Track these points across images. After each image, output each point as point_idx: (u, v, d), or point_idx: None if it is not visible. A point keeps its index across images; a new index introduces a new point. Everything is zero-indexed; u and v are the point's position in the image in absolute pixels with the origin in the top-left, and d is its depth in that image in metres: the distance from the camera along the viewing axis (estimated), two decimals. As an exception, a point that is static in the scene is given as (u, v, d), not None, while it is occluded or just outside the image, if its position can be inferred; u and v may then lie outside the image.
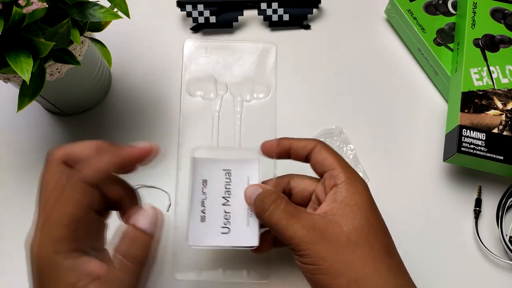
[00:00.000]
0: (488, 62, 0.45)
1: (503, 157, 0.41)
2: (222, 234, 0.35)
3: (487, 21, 0.47)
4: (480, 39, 0.46)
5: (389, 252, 0.32)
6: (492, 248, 0.42)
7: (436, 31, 0.49)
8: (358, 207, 0.32)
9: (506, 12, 0.47)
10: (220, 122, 0.36)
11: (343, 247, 0.31)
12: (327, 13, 0.55)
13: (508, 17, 0.47)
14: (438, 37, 0.49)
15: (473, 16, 0.47)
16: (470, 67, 0.44)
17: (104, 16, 0.34)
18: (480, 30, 0.46)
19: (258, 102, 0.37)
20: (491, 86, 0.44)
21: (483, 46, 0.46)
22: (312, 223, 0.32)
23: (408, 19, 0.50)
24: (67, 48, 0.35)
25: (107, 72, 0.48)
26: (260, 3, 0.52)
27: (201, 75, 0.36)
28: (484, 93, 0.43)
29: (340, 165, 0.34)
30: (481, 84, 0.44)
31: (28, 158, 0.46)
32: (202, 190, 0.36)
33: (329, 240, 0.31)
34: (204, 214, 0.35)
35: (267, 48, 0.37)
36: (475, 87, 0.44)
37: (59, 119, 0.48)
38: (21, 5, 0.29)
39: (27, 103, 0.33)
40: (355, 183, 0.33)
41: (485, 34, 0.46)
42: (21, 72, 0.30)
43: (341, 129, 0.47)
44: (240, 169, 0.36)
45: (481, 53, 0.45)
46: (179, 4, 0.52)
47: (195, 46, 0.37)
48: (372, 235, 0.32)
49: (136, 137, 0.47)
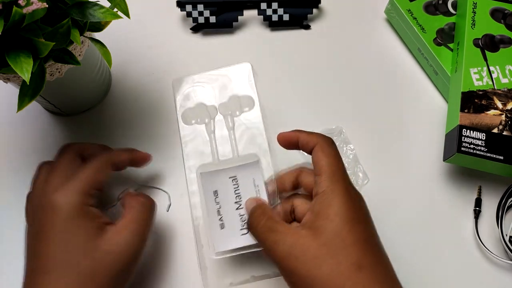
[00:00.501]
0: (488, 62, 0.45)
1: (503, 157, 0.41)
2: (242, 235, 0.37)
3: (487, 21, 0.47)
4: (480, 39, 0.46)
5: (360, 267, 0.30)
6: (492, 248, 0.42)
7: (436, 31, 0.49)
8: (329, 220, 0.31)
9: (506, 12, 0.47)
10: (217, 140, 0.40)
11: (309, 263, 0.30)
12: (327, 13, 0.55)
13: (508, 17, 0.47)
14: (438, 37, 0.49)
15: (473, 16, 0.47)
16: (470, 67, 0.44)
17: (104, 16, 0.34)
18: (480, 30, 0.46)
19: (246, 114, 0.41)
20: (491, 86, 0.44)
21: (483, 46, 0.46)
22: (283, 239, 0.32)
23: (408, 19, 0.50)
24: (67, 48, 0.35)
25: (107, 72, 0.48)
26: (260, 3, 0.52)
27: (192, 105, 0.41)
28: (484, 93, 0.43)
29: (327, 171, 0.33)
30: (481, 84, 0.44)
31: (28, 158, 0.46)
32: (215, 201, 0.38)
33: (296, 256, 0.31)
34: (222, 222, 0.38)
35: (244, 67, 0.42)
36: (475, 87, 0.44)
37: (59, 119, 0.48)
38: (21, 5, 0.29)
39: (27, 103, 0.33)
40: (332, 194, 0.32)
41: (485, 34, 0.46)
42: (21, 72, 0.30)
43: (341, 129, 0.47)
44: (244, 173, 0.39)
45: (481, 53, 0.45)
46: (179, 4, 0.52)
47: (182, 82, 0.42)
48: (341, 249, 0.30)
49: (136, 137, 0.47)
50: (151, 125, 0.48)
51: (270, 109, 0.49)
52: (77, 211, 0.33)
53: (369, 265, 0.31)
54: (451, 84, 0.47)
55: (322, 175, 0.33)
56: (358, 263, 0.30)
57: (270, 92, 0.49)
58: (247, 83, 0.42)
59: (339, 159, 0.35)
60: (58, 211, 0.32)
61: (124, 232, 0.33)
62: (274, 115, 0.48)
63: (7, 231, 0.43)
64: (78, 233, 0.32)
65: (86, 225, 0.33)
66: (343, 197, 0.32)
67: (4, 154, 0.46)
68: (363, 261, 0.30)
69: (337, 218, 0.31)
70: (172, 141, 0.46)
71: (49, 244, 0.32)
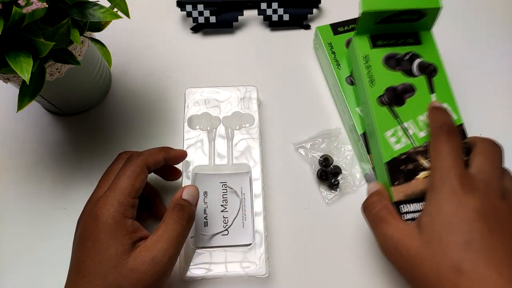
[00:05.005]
0: (400, 119, 0.40)
1: None
2: (223, 236, 0.41)
3: (383, 72, 0.41)
4: (382, 95, 0.40)
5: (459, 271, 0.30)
6: None
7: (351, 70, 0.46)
8: (432, 217, 0.32)
9: (398, 58, 0.42)
10: (216, 147, 0.44)
11: (411, 261, 0.32)
12: (327, 13, 0.55)
13: (401, 61, 0.42)
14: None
15: (368, 71, 0.41)
16: (384, 132, 0.39)
17: (104, 16, 0.34)
18: (380, 86, 0.41)
19: (245, 129, 0.45)
20: (410, 145, 0.39)
21: (389, 102, 0.40)
22: (391, 233, 0.33)
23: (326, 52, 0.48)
24: (67, 48, 0.35)
25: (107, 72, 0.48)
26: (260, 3, 0.52)
27: (199, 113, 0.46)
28: (406, 156, 0.38)
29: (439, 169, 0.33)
30: (400, 146, 0.39)
31: (28, 158, 0.46)
32: (204, 200, 0.42)
33: (400, 252, 0.32)
34: (206, 220, 0.41)
35: (250, 89, 0.47)
36: (396, 152, 0.38)
37: (59, 119, 0.48)
38: (21, 5, 0.29)
39: (27, 103, 0.33)
40: (439, 192, 0.32)
41: (386, 88, 0.41)
42: (21, 72, 0.30)
43: (340, 130, 0.47)
44: (234, 181, 0.43)
45: (389, 111, 0.40)
46: (179, 4, 0.52)
47: (194, 92, 0.46)
48: (440, 250, 0.31)
49: (136, 137, 0.47)
50: (151, 125, 0.48)
51: (269, 108, 0.49)
52: (115, 223, 0.33)
53: (468, 270, 0.30)
54: (373, 155, 0.42)
55: (434, 171, 0.34)
56: (457, 267, 0.30)
57: (270, 92, 0.50)
58: (250, 104, 0.46)
59: (455, 158, 0.33)
60: (98, 221, 0.33)
61: (152, 250, 0.33)
62: (274, 114, 0.49)
63: (7, 231, 0.43)
64: (112, 245, 0.32)
65: (120, 239, 0.33)
66: (448, 196, 0.32)
67: (4, 154, 0.46)
68: (462, 265, 0.30)
69: (439, 217, 0.32)
70: (172, 141, 0.46)
71: (87, 250, 0.33)
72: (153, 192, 0.43)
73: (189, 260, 0.39)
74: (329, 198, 0.44)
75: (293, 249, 0.42)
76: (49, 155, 0.46)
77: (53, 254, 0.42)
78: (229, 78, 0.50)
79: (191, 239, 0.40)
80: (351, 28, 0.49)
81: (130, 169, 0.36)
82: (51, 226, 0.43)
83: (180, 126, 0.46)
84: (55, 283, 0.35)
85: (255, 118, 0.45)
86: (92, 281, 0.32)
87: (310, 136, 0.47)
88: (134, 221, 0.35)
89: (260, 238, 0.40)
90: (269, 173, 0.45)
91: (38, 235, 0.43)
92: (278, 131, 0.48)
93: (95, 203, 0.34)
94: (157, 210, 0.42)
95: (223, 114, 0.45)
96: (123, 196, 0.34)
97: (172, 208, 0.35)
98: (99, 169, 0.41)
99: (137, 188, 0.35)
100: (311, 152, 0.46)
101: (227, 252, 0.40)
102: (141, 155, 0.37)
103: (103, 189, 0.36)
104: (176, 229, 0.34)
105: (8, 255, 0.42)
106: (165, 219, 0.35)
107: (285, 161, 0.46)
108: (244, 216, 0.41)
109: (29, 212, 0.44)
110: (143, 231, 0.35)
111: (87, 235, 0.33)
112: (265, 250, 0.39)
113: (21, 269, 0.41)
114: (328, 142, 0.46)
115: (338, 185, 0.44)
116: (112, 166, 0.38)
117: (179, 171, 0.42)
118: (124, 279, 0.32)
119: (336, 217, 0.44)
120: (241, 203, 0.42)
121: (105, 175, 0.38)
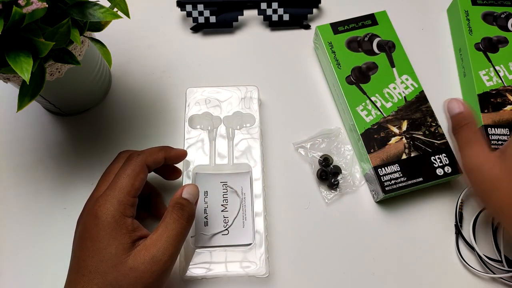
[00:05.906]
0: (492, 63, 0.47)
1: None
2: (223, 235, 0.41)
3: (481, 25, 0.50)
4: (479, 43, 0.48)
5: None
6: (472, 262, 0.42)
7: (352, 69, 0.47)
8: None
9: (495, 15, 0.50)
10: (216, 146, 0.44)
11: (490, 183, 0.35)
12: (327, 13, 0.55)
13: (498, 18, 0.50)
14: (352, 75, 0.46)
15: (468, 23, 0.49)
16: (478, 70, 0.47)
17: (104, 16, 0.34)
18: (477, 35, 0.49)
19: (246, 129, 0.45)
20: (501, 84, 0.46)
21: (484, 49, 0.48)
22: (476, 156, 0.36)
23: (326, 52, 0.48)
24: (67, 48, 0.35)
25: (107, 72, 0.48)
26: (260, 3, 0.52)
27: (200, 112, 0.45)
28: (497, 92, 0.46)
29: None
30: (492, 83, 0.46)
31: (28, 158, 0.46)
32: (204, 200, 0.42)
33: (482, 174, 0.36)
34: (206, 220, 0.41)
35: (251, 89, 0.47)
36: (487, 88, 0.46)
37: (59, 119, 0.48)
38: (21, 5, 0.29)
39: (27, 103, 0.33)
40: None
41: (483, 37, 0.49)
42: (21, 72, 0.30)
43: (340, 130, 0.47)
44: (235, 181, 0.43)
45: (484, 55, 0.48)
46: (179, 4, 0.52)
47: (195, 91, 0.46)
48: None
49: (136, 136, 0.47)
50: (151, 125, 0.48)
51: (269, 108, 0.49)
52: (115, 222, 0.33)
53: None
54: (463, 88, 0.49)
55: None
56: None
57: (270, 92, 0.50)
58: (251, 104, 0.46)
59: None
60: (97, 220, 0.33)
61: (152, 249, 0.33)
62: (274, 114, 0.49)
63: (7, 230, 0.43)
64: (112, 244, 0.33)
65: (120, 238, 0.33)
66: None
67: (4, 154, 0.46)
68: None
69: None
70: (172, 141, 0.46)
71: (86, 249, 0.33)
72: (153, 192, 0.43)
73: (189, 260, 0.39)
74: (329, 198, 0.44)
75: (293, 249, 0.42)
76: (49, 155, 0.46)
77: (53, 253, 0.42)
78: (228, 78, 0.50)
79: (191, 238, 0.40)
80: (352, 28, 0.49)
81: (130, 168, 0.36)
82: (51, 225, 0.43)
83: (181, 126, 0.46)
84: (55, 282, 0.36)
85: (256, 118, 0.45)
86: (91, 280, 0.32)
87: (310, 136, 0.47)
88: (134, 220, 0.35)
89: (260, 238, 0.40)
90: (269, 173, 0.45)
91: (38, 235, 0.43)
92: (278, 131, 0.48)
93: (95, 202, 0.34)
94: (157, 209, 0.42)
95: (224, 113, 0.45)
96: (123, 195, 0.34)
97: (172, 207, 0.35)
98: (99, 168, 0.41)
99: (137, 187, 0.35)
100: (311, 152, 0.46)
101: (227, 252, 0.40)
102: (141, 154, 0.37)
103: (103, 188, 0.36)
104: (176, 228, 0.34)
105: (8, 254, 0.42)
106: (165, 218, 0.35)
107: (285, 161, 0.46)
108: (245, 216, 0.41)
109: (29, 212, 0.44)
110: (143, 230, 0.35)
111: (87, 234, 0.33)
112: (265, 250, 0.39)
113: (21, 268, 0.42)
114: (328, 142, 0.46)
115: (338, 185, 0.44)
116: (112, 165, 0.38)
117: (179, 170, 0.42)
118: (124, 278, 0.32)
119: (336, 217, 0.44)
120: (241, 203, 0.42)
121: (105, 174, 0.38)
